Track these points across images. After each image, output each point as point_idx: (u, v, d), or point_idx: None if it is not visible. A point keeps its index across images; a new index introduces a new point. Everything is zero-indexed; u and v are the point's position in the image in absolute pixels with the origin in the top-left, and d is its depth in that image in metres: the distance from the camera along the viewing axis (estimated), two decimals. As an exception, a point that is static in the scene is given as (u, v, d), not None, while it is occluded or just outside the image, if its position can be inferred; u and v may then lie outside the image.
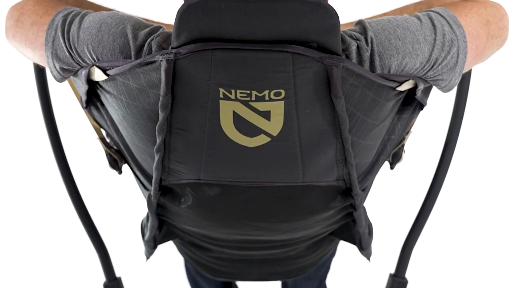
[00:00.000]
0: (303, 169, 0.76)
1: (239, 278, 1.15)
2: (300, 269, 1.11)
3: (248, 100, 0.66)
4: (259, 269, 1.08)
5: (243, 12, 0.59)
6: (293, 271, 1.11)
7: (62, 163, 1.07)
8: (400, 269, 1.13)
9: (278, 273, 1.11)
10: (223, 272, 1.10)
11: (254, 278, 1.12)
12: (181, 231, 0.99)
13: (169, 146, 0.75)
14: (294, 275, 1.14)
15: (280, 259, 1.05)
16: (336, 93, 0.66)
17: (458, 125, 1.01)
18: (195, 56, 0.63)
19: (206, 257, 1.06)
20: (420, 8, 0.89)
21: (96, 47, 0.71)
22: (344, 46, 0.68)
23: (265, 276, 1.10)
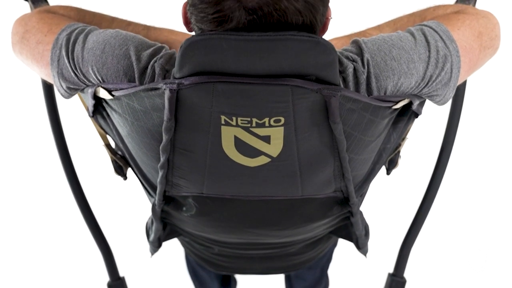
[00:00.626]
0: (302, 185, 0.77)
1: (241, 272, 1.16)
2: (299, 263, 1.12)
3: (249, 127, 0.67)
4: (260, 264, 1.09)
5: (244, 50, 0.60)
6: (293, 266, 1.12)
7: (68, 167, 1.08)
8: (399, 269, 1.14)
9: (278, 267, 1.12)
10: (224, 267, 1.11)
11: (255, 272, 1.13)
12: (185, 232, 1.01)
13: (172, 163, 0.76)
14: (294, 270, 1.15)
15: (280, 256, 1.06)
16: (334, 119, 0.68)
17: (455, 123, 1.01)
18: (197, 87, 0.64)
19: (208, 253, 1.08)
20: (414, 20, 0.90)
21: (100, 68, 0.72)
22: (341, 68, 0.69)
23: (265, 270, 1.12)
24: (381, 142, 0.81)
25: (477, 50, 0.76)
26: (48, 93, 1.02)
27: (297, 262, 1.10)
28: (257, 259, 1.06)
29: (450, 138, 1.02)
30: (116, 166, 0.93)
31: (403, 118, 0.80)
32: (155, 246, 1.05)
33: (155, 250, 1.07)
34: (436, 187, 1.05)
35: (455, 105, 0.99)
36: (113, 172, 0.95)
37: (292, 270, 1.15)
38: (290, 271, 1.18)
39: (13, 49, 0.85)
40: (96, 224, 1.13)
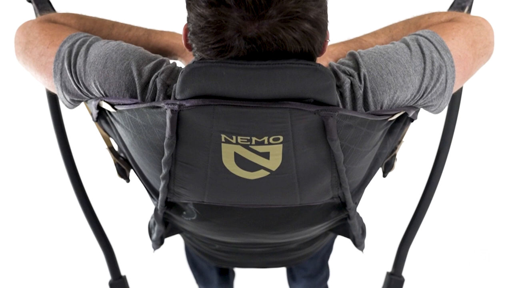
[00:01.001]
0: (300, 195, 0.78)
1: (241, 266, 1.18)
2: (298, 258, 1.14)
3: (249, 144, 0.68)
4: (260, 259, 1.10)
5: (243, 78, 0.61)
6: (292, 260, 1.14)
7: (71, 169, 1.08)
8: (397, 268, 1.15)
9: (278, 262, 1.13)
10: (225, 261, 1.12)
11: (255, 266, 1.15)
12: (186, 231, 1.02)
13: (174, 174, 0.77)
14: (293, 264, 1.17)
15: (280, 252, 1.07)
16: (332, 137, 0.69)
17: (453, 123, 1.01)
18: (198, 109, 0.66)
19: (209, 249, 1.09)
20: (409, 28, 0.90)
21: (102, 83, 0.73)
22: (338, 83, 0.70)
23: (265, 264, 1.13)
24: (377, 149, 0.82)
25: (471, 59, 0.77)
26: (51, 97, 1.02)
27: (296, 257, 1.12)
28: (257, 255, 1.08)
29: (447, 138, 1.03)
30: (119, 169, 0.95)
31: (398, 124, 0.81)
32: (158, 244, 1.06)
33: (158, 247, 1.08)
34: (434, 187, 1.06)
35: (452, 106, 0.99)
36: (116, 175, 0.96)
37: (292, 265, 1.16)
38: (288, 265, 1.19)
39: (17, 58, 0.86)
40: (98, 224, 1.14)
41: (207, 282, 1.37)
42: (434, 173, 1.05)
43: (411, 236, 1.11)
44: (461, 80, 0.78)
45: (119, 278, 1.21)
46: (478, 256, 1.89)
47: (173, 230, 1.04)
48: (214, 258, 1.12)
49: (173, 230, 1.04)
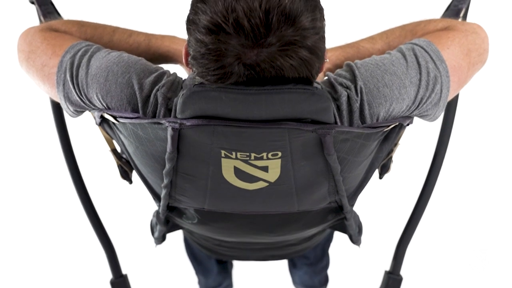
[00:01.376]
0: (298, 202, 0.80)
1: (241, 259, 1.19)
2: (297, 251, 1.15)
3: (248, 159, 0.70)
4: (260, 253, 1.12)
5: (242, 102, 0.63)
6: (291, 253, 1.16)
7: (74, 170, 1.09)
8: (395, 267, 1.16)
9: (277, 255, 1.15)
10: (225, 255, 1.14)
11: (255, 259, 1.16)
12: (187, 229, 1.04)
13: (175, 184, 0.79)
14: (292, 257, 1.18)
15: (279, 247, 1.09)
16: (329, 152, 0.70)
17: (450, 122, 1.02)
18: (198, 128, 0.67)
19: (210, 244, 1.11)
20: (405, 35, 0.91)
21: (105, 96, 0.73)
22: (335, 96, 0.71)
23: (265, 257, 1.15)
24: (373, 156, 0.84)
25: (466, 68, 0.78)
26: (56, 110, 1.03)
27: (295, 251, 1.14)
28: (256, 250, 1.10)
29: (445, 138, 1.03)
30: (122, 171, 0.96)
31: (394, 130, 0.82)
32: (159, 241, 1.08)
33: (160, 243, 1.10)
34: (431, 187, 1.07)
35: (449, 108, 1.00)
36: (119, 176, 0.97)
37: (290, 257, 1.18)
38: (287, 258, 1.21)
39: (20, 65, 0.87)
40: (100, 225, 1.15)
41: (206, 272, 1.38)
42: (432, 173, 1.06)
43: (409, 236, 1.12)
44: (455, 89, 0.79)
45: (120, 277, 1.22)
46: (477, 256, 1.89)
47: (174, 227, 1.05)
48: (215, 252, 1.14)
49: (174, 226, 1.05)
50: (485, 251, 1.91)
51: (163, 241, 1.08)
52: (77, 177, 1.10)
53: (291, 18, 0.58)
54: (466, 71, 0.79)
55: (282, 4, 0.57)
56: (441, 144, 1.04)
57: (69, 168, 1.09)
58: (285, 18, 0.57)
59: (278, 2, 0.57)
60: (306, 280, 1.41)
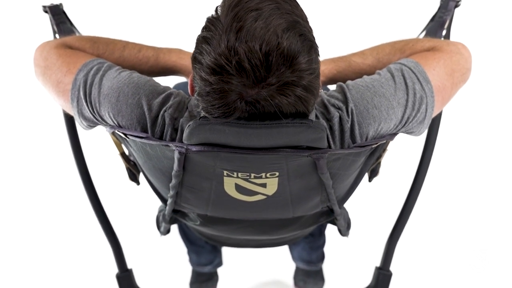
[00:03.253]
0: (293, 210, 0.86)
1: (238, 246, 1.22)
2: (292, 240, 1.20)
3: (248, 178, 0.75)
4: (256, 242, 1.16)
5: (244, 135, 0.67)
6: (286, 241, 1.21)
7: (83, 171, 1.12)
8: (385, 263, 1.18)
9: (273, 243, 1.19)
10: (224, 242, 1.18)
11: (251, 246, 1.20)
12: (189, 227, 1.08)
13: (181, 194, 0.84)
14: (287, 244, 1.23)
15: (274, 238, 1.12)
16: (322, 171, 0.76)
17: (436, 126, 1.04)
18: (203, 153, 0.72)
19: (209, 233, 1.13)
20: (394, 53, 0.94)
21: (116, 115, 0.78)
22: (328, 116, 0.75)
23: (261, 245, 1.19)
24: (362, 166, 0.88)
25: (449, 88, 0.83)
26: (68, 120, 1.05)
27: (290, 239, 1.18)
28: (255, 240, 1.14)
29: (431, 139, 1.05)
30: (130, 173, 0.99)
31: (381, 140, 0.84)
32: (165, 234, 1.12)
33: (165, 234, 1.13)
34: (418, 189, 1.10)
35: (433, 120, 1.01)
36: (128, 179, 1.00)
37: (285, 244, 1.22)
38: (283, 245, 1.24)
39: (37, 78, 0.91)
40: (107, 221, 1.18)
41: (198, 251, 1.42)
42: (419, 173, 1.08)
43: (398, 233, 1.15)
44: (439, 108, 0.83)
45: (126, 271, 1.25)
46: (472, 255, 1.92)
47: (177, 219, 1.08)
48: (213, 239, 1.18)
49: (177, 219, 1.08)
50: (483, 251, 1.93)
51: (168, 233, 1.12)
52: (86, 177, 1.12)
53: (289, 59, 0.60)
54: (449, 90, 0.83)
55: (281, 47, 0.59)
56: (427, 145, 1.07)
57: (79, 168, 1.11)
58: (284, 60, 0.60)
59: (277, 45, 0.59)
60: (304, 256, 1.45)
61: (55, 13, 0.98)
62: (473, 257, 1.91)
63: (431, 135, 1.04)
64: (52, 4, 0.98)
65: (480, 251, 1.92)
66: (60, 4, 1.00)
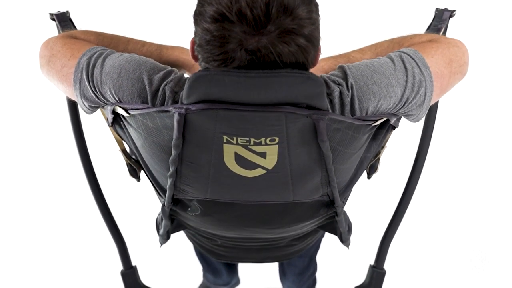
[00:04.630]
0: (294, 192, 0.82)
1: (240, 260, 1.22)
2: (291, 253, 1.18)
3: (248, 145, 0.72)
4: (256, 254, 1.15)
5: (243, 85, 0.65)
6: (285, 255, 1.19)
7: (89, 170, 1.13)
8: (379, 261, 1.21)
9: (272, 257, 1.18)
10: (225, 256, 1.17)
11: (252, 261, 1.20)
12: (190, 227, 1.06)
13: (180, 173, 0.81)
14: (286, 259, 1.21)
15: (274, 248, 1.12)
16: (322, 138, 0.73)
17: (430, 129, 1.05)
18: (202, 113, 0.69)
19: (211, 244, 1.13)
20: (393, 47, 0.94)
21: (117, 90, 0.77)
22: (328, 91, 0.74)
23: (261, 259, 1.18)
24: (362, 153, 0.87)
25: (447, 76, 0.83)
26: (71, 105, 1.06)
27: (289, 252, 1.17)
28: (254, 250, 1.13)
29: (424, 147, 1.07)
30: (130, 169, 0.98)
31: (381, 131, 0.86)
32: (164, 239, 1.09)
33: (164, 241, 1.11)
34: (413, 188, 1.11)
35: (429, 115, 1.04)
36: (128, 174, 1.00)
37: (285, 259, 1.21)
38: (282, 260, 1.24)
39: (41, 70, 0.91)
40: (112, 219, 1.20)
41: (216, 272, 1.42)
42: (413, 175, 1.09)
43: (392, 233, 1.17)
44: (438, 94, 0.83)
45: (130, 268, 1.27)
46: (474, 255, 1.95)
47: (178, 226, 1.08)
48: (216, 253, 1.16)
49: (178, 226, 1.07)
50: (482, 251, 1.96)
51: (167, 239, 1.10)
52: (91, 177, 1.13)
53: (289, 9, 0.62)
54: (447, 78, 0.83)
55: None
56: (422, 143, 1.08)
57: (84, 168, 1.12)
58: (284, 9, 0.62)
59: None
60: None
61: (61, 20, 0.98)
62: (472, 257, 1.93)
63: (426, 133, 1.06)
64: (59, 12, 0.99)
65: (478, 251, 1.95)
66: (67, 12, 1.00)
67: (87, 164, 1.13)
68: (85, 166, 1.13)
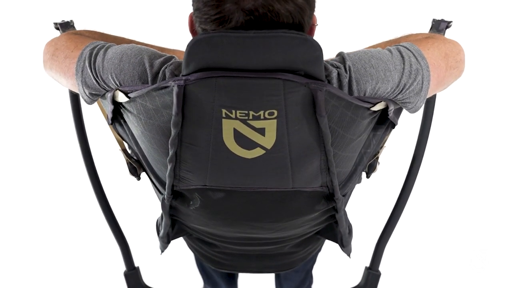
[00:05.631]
0: (293, 177, 0.81)
1: (239, 270, 1.22)
2: (291, 263, 1.18)
3: (246, 119, 0.72)
4: (256, 263, 1.14)
5: (241, 46, 0.66)
6: (285, 265, 1.18)
7: (91, 171, 1.14)
8: (374, 263, 1.22)
9: (272, 266, 1.18)
10: (225, 264, 1.16)
11: (251, 271, 1.20)
12: (190, 229, 1.05)
13: (180, 157, 0.81)
14: (286, 269, 1.21)
15: (274, 255, 1.12)
16: (320, 112, 0.73)
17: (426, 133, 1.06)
18: (202, 82, 0.69)
19: (211, 251, 1.13)
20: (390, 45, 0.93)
21: (118, 74, 0.78)
22: (326, 73, 0.74)
23: (261, 269, 1.18)
24: (362, 145, 0.87)
25: (444, 68, 0.83)
26: (74, 104, 1.08)
27: (288, 261, 1.17)
28: (253, 258, 1.13)
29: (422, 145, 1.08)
30: (130, 168, 0.99)
31: (381, 127, 0.87)
32: (164, 242, 1.09)
33: (165, 247, 1.12)
34: (408, 191, 1.12)
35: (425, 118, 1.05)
36: (128, 173, 1.01)
37: (284, 269, 1.22)
38: (282, 270, 1.25)
39: (44, 66, 0.92)
40: (115, 221, 1.21)
41: (215, 285, 1.44)
42: (409, 177, 1.10)
43: (388, 235, 1.18)
44: (435, 85, 0.83)
45: (133, 269, 1.28)
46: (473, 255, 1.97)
47: (178, 232, 1.08)
48: (215, 261, 1.17)
49: (178, 232, 1.08)
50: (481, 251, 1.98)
51: (168, 243, 1.09)
52: (94, 179, 1.15)
53: None
54: (444, 70, 0.83)
55: None
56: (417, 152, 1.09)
57: (88, 171, 1.14)
58: None
59: None
60: None
61: (66, 29, 0.99)
62: (471, 257, 1.96)
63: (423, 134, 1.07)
64: (63, 21, 1.00)
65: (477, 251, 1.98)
66: (70, 21, 1.01)
67: (90, 166, 1.14)
68: (88, 168, 1.14)
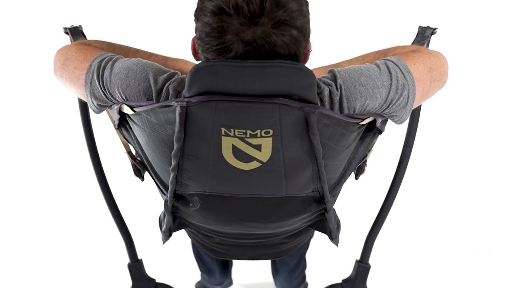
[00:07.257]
0: (286, 186, 0.85)
1: (236, 257, 1.26)
2: (284, 251, 1.23)
3: (244, 137, 0.75)
4: (251, 251, 1.18)
5: (240, 74, 0.69)
6: (279, 253, 1.23)
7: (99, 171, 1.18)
8: (364, 256, 1.26)
9: (266, 254, 1.21)
10: (222, 253, 1.20)
11: (247, 258, 1.23)
12: (190, 224, 1.09)
13: (181, 167, 0.84)
14: (279, 256, 1.25)
15: (268, 245, 1.16)
16: (313, 131, 0.76)
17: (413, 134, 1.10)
18: (203, 104, 0.73)
19: (210, 242, 1.17)
20: (378, 57, 0.98)
21: (124, 89, 0.82)
22: (319, 91, 0.77)
23: (256, 256, 1.22)
24: (351, 152, 0.90)
25: (428, 82, 0.87)
26: (83, 110, 1.12)
27: (282, 250, 1.22)
28: (249, 247, 1.17)
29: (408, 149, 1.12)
30: (135, 169, 1.02)
31: (369, 134, 0.91)
32: (166, 236, 1.11)
33: (167, 239, 1.13)
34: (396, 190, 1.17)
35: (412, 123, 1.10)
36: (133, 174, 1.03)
37: (278, 257, 1.26)
38: (276, 258, 1.29)
39: (55, 74, 0.96)
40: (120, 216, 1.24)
41: (210, 272, 1.49)
42: (397, 176, 1.15)
43: (377, 230, 1.23)
44: (420, 98, 0.87)
45: (137, 261, 1.32)
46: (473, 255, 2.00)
47: (180, 225, 1.10)
48: (214, 250, 1.20)
49: (179, 225, 1.10)
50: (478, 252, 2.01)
51: (169, 237, 1.11)
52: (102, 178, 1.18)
53: (281, 3, 0.68)
54: (428, 84, 0.87)
55: None
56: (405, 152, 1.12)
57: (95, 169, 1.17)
58: (276, 4, 0.67)
59: None
60: (286, 285, 1.56)
61: (75, 33, 1.02)
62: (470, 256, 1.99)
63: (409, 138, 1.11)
64: (72, 26, 1.02)
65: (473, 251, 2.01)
66: (79, 26, 1.03)
67: (97, 165, 1.18)
68: (95, 167, 1.18)
